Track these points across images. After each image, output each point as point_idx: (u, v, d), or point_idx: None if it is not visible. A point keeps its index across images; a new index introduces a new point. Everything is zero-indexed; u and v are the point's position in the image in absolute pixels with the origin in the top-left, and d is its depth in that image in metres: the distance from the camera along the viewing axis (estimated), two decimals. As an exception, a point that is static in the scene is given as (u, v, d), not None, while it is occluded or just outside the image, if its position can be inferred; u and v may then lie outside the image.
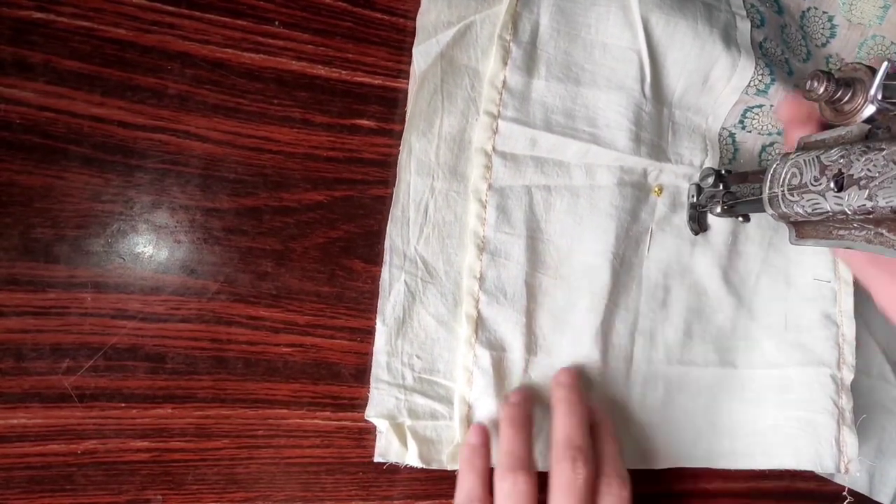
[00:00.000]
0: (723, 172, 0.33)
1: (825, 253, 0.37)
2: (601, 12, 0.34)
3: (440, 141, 0.33)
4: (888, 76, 0.25)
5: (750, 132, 0.37)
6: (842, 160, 0.25)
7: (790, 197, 0.27)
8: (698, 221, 0.35)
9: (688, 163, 0.35)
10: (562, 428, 0.30)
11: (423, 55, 0.33)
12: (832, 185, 0.25)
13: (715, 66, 0.34)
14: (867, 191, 0.24)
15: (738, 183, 0.32)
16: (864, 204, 0.24)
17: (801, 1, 0.39)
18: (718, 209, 0.33)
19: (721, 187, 0.33)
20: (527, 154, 0.34)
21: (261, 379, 0.31)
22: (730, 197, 0.33)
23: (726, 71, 0.34)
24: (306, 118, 0.32)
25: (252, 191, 0.31)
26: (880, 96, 0.25)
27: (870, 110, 0.26)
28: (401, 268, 0.32)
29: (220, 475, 0.31)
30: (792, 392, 0.36)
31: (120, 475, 0.30)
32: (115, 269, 0.30)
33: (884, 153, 0.23)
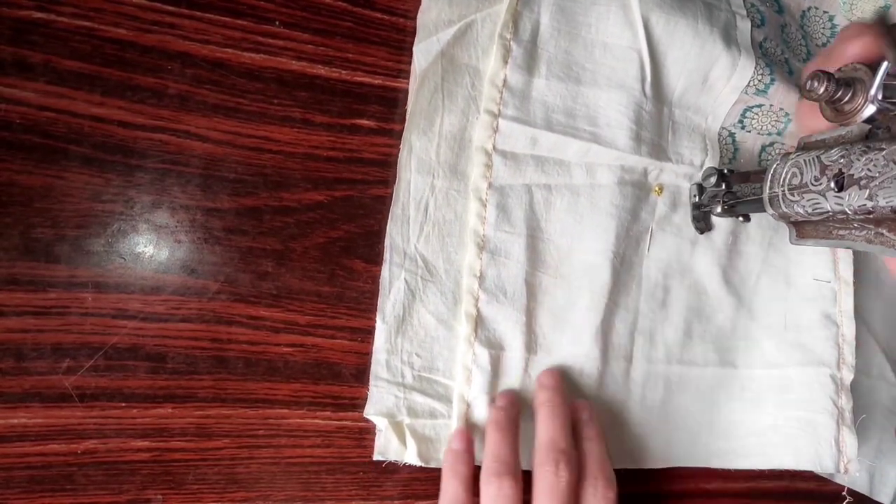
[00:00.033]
0: (725, 172, 0.33)
1: (825, 253, 0.37)
2: (601, 11, 0.34)
3: (441, 139, 0.33)
4: (888, 76, 0.25)
5: (749, 132, 0.37)
6: (842, 160, 0.25)
7: (790, 197, 0.27)
8: (703, 221, 0.35)
9: (688, 162, 0.35)
10: (545, 431, 0.30)
11: (424, 53, 0.33)
12: (832, 185, 0.25)
13: (715, 66, 0.34)
14: (867, 191, 0.24)
15: (741, 182, 0.32)
16: (865, 204, 0.24)
17: (802, 0, 0.39)
18: (718, 209, 0.33)
19: (723, 187, 0.33)
20: (527, 153, 0.34)
21: (261, 379, 0.31)
22: (730, 197, 0.33)
23: (726, 70, 0.34)
24: (306, 118, 0.32)
25: (252, 191, 0.31)
26: (880, 96, 0.25)
27: (870, 110, 0.26)
28: (401, 266, 0.32)
29: (221, 475, 0.31)
30: (792, 392, 0.36)
31: (120, 475, 0.30)
32: (116, 269, 0.30)
33: (884, 153, 0.23)
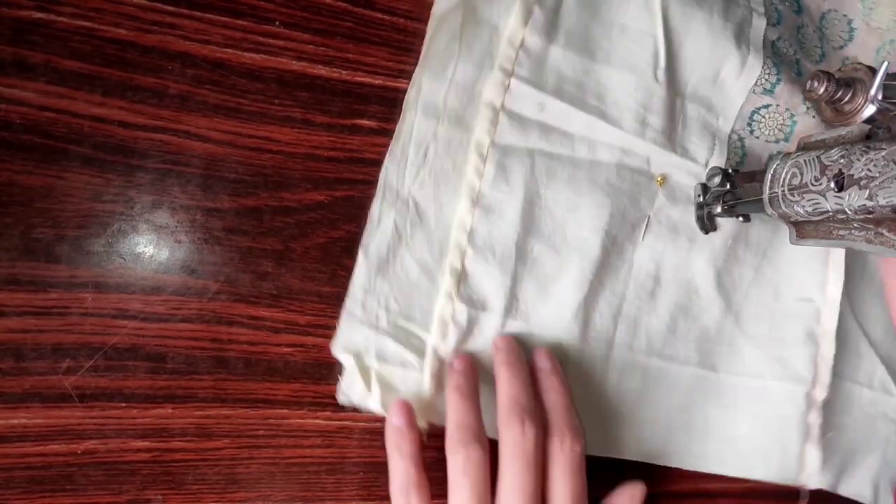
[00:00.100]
0: (730, 172, 0.33)
1: (817, 271, 0.37)
2: None
3: (451, 87, 0.32)
4: (888, 76, 0.25)
5: (758, 138, 0.36)
6: (842, 160, 0.25)
7: (791, 197, 0.27)
8: (707, 221, 0.35)
9: (692, 158, 0.35)
10: (506, 389, 0.29)
11: None
12: (832, 185, 0.25)
13: (726, 62, 0.34)
14: (867, 191, 0.24)
15: (746, 183, 0.32)
16: (865, 204, 0.24)
17: (822, 2, 0.39)
18: (718, 208, 0.33)
19: (728, 187, 0.33)
20: (534, 118, 0.33)
21: (261, 379, 0.31)
22: (731, 196, 0.33)
23: (736, 68, 0.34)
24: (307, 118, 0.32)
25: (252, 191, 0.31)
26: (880, 96, 0.25)
27: (870, 110, 0.26)
28: (392, 205, 0.32)
29: (221, 475, 0.31)
30: (766, 403, 0.36)
31: (120, 475, 0.30)
32: (116, 269, 0.30)
33: (884, 153, 0.23)
